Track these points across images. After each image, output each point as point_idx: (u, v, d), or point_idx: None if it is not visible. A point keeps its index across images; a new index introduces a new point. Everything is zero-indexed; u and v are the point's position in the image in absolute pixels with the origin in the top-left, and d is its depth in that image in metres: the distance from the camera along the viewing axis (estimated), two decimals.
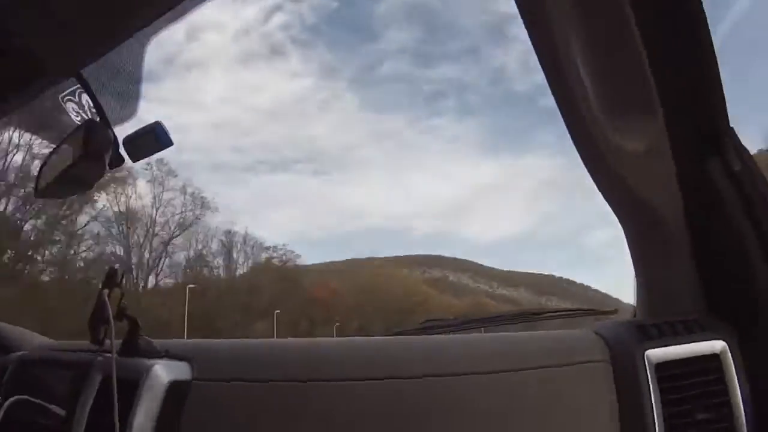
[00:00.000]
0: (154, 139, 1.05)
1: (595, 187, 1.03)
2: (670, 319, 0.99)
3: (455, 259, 51.26)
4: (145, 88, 1.08)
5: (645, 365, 0.94)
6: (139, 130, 1.06)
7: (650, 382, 0.93)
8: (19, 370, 1.23)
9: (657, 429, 0.92)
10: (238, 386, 0.95)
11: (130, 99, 1.10)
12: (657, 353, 0.95)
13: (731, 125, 0.96)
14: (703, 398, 0.95)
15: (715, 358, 0.96)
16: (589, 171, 1.00)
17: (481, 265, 51.29)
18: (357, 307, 38.15)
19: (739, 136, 0.98)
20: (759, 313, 0.97)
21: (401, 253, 52.25)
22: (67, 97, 1.12)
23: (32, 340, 1.47)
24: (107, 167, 1.05)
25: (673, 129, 0.91)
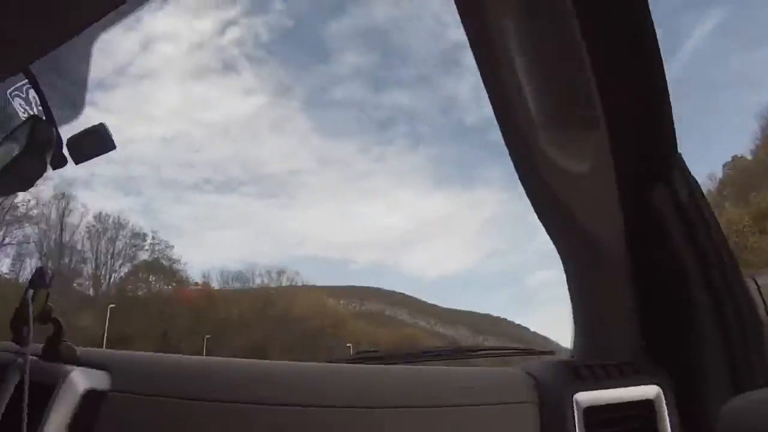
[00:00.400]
0: (97, 140, 1.04)
1: (538, 226, 1.01)
2: (604, 361, 0.96)
3: (393, 293, 50.78)
4: (96, 96, 1.09)
5: (573, 409, 0.90)
6: (82, 131, 1.05)
7: (577, 427, 0.90)
8: None
9: None
10: (156, 401, 0.93)
11: (75, 99, 1.09)
12: (587, 396, 0.91)
13: (679, 151, 0.94)
14: None
15: (648, 404, 0.93)
16: (528, 192, 0.96)
17: (420, 300, 50.98)
18: (251, 325, 37.22)
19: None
20: (695, 357, 0.95)
21: (341, 283, 51.87)
22: (14, 93, 1.10)
23: None
24: (49, 166, 1.03)
25: (618, 151, 0.88)
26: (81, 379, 0.93)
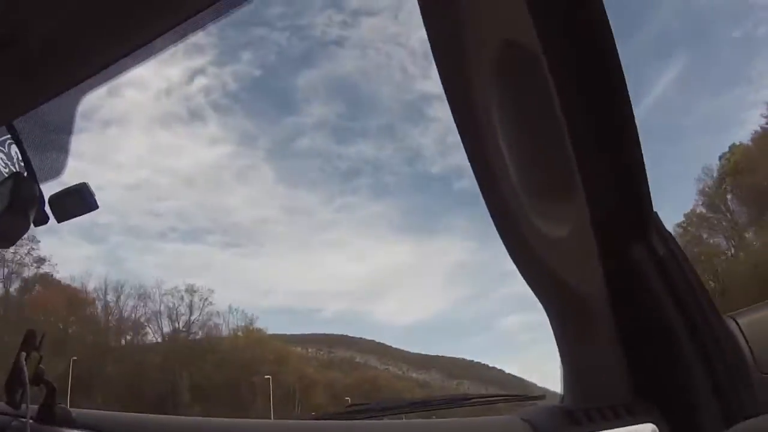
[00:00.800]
0: (79, 200, 1.03)
1: (507, 272, 1.02)
2: (597, 404, 0.97)
3: (362, 340, 49.47)
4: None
5: None
6: (65, 189, 1.03)
7: None
8: None
9: None
10: None
11: (58, 156, 1.07)
12: None
13: (654, 210, 0.97)
14: None
15: None
16: (511, 254, 0.96)
17: (391, 347, 49.55)
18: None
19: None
20: (685, 394, 0.97)
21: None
22: None
23: None
24: (31, 224, 1.01)
25: (596, 213, 0.91)
26: None
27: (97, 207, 1.04)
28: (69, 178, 1.04)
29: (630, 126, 0.86)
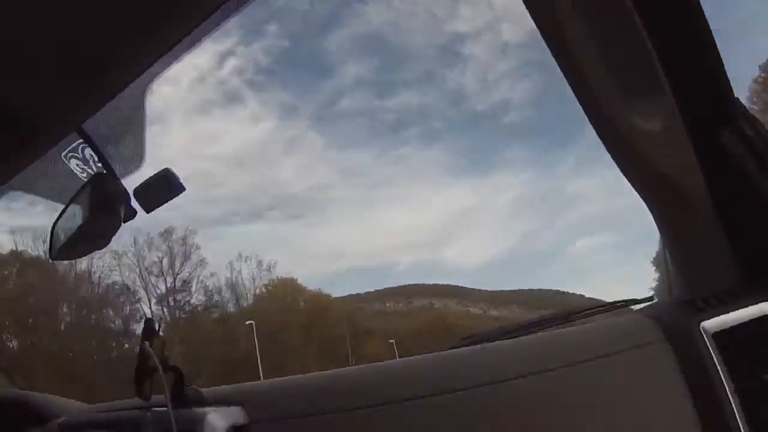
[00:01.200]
0: (165, 186, 1.03)
1: (568, 198, 1.04)
2: (712, 290, 1.01)
3: (438, 286, 49.34)
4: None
5: (703, 337, 0.94)
6: (148, 179, 1.04)
7: (712, 353, 0.93)
8: None
9: (729, 396, 0.92)
10: (295, 424, 0.94)
11: (135, 148, 1.07)
12: (712, 324, 0.95)
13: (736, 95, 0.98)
14: (767, 358, 0.95)
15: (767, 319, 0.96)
16: (612, 154, 1.01)
17: (466, 288, 49.67)
18: None
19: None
20: None
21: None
22: (70, 154, 1.09)
23: (70, 407, 1.43)
24: (122, 221, 1.02)
25: (684, 107, 0.94)
26: (220, 420, 0.93)
27: (183, 189, 1.05)
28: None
29: (704, 24, 0.88)
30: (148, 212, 1.06)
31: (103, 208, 0.99)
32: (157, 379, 0.96)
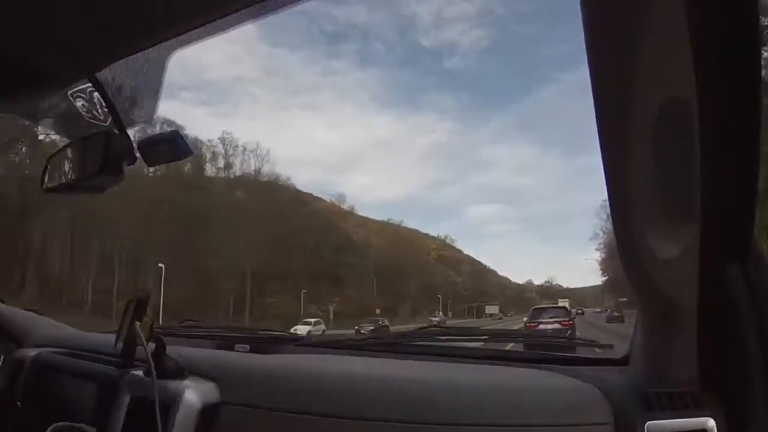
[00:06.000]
0: (173, 147, 1.02)
1: (482, 162, 0.99)
2: (668, 389, 1.01)
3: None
4: None
5: None
6: (155, 135, 1.03)
7: None
8: (38, 372, 1.21)
9: None
10: (264, 414, 0.96)
11: (146, 109, 1.05)
12: (657, 427, 0.95)
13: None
14: None
15: None
16: (624, 265, 1.00)
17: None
18: None
19: None
20: (747, 392, 0.96)
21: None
22: (76, 94, 1.05)
23: (47, 331, 1.44)
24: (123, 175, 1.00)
25: (705, 237, 0.91)
26: (195, 397, 0.97)
27: (191, 153, 1.05)
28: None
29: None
30: (149, 165, 1.05)
31: (110, 166, 0.97)
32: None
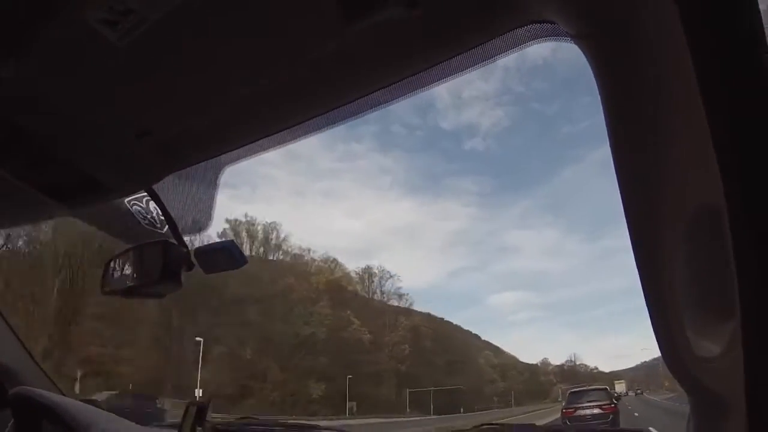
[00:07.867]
0: (227, 256, 1.04)
1: (505, 248, 0.97)
2: None
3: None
4: None
5: None
6: (212, 245, 1.05)
7: None
8: None
9: None
10: None
11: (203, 214, 1.09)
12: None
13: None
14: None
15: None
16: (668, 364, 0.98)
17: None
18: None
19: None
20: None
21: None
22: (133, 202, 1.09)
23: (107, 426, 1.43)
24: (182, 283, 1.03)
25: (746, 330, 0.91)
26: None
27: (246, 262, 1.06)
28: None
29: None
30: (206, 273, 1.07)
31: (167, 274, 1.00)
32: None
